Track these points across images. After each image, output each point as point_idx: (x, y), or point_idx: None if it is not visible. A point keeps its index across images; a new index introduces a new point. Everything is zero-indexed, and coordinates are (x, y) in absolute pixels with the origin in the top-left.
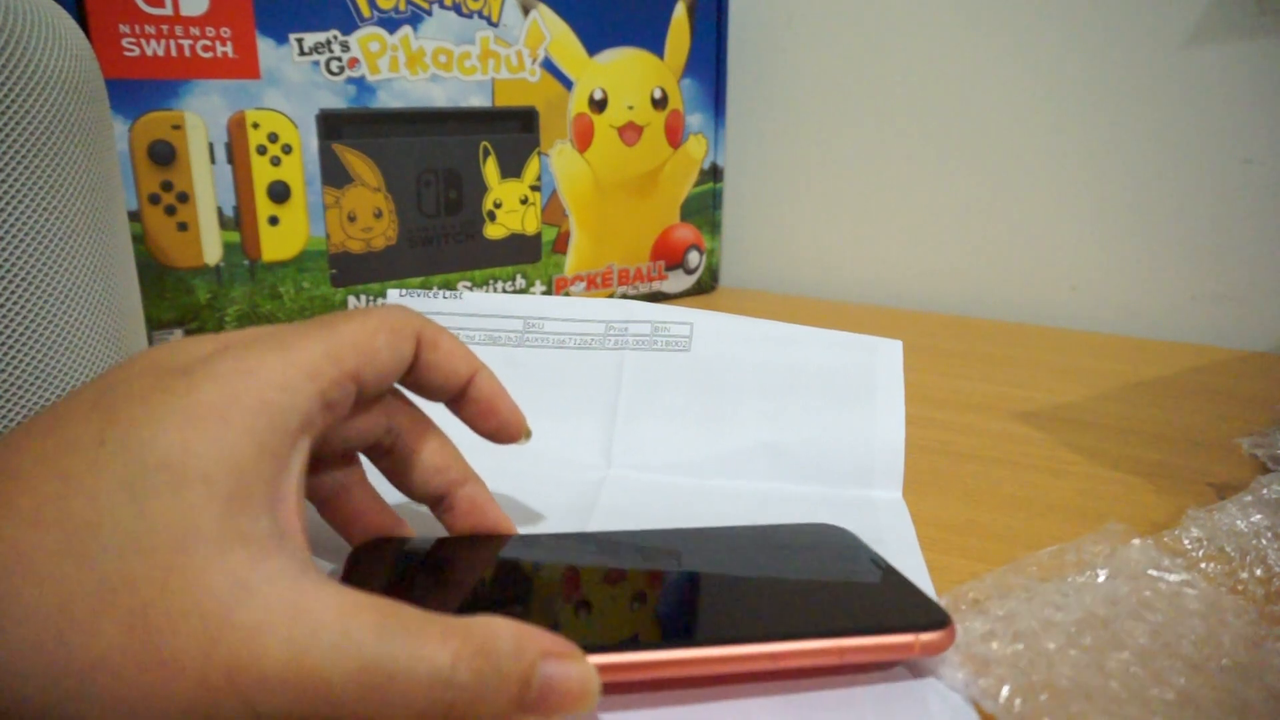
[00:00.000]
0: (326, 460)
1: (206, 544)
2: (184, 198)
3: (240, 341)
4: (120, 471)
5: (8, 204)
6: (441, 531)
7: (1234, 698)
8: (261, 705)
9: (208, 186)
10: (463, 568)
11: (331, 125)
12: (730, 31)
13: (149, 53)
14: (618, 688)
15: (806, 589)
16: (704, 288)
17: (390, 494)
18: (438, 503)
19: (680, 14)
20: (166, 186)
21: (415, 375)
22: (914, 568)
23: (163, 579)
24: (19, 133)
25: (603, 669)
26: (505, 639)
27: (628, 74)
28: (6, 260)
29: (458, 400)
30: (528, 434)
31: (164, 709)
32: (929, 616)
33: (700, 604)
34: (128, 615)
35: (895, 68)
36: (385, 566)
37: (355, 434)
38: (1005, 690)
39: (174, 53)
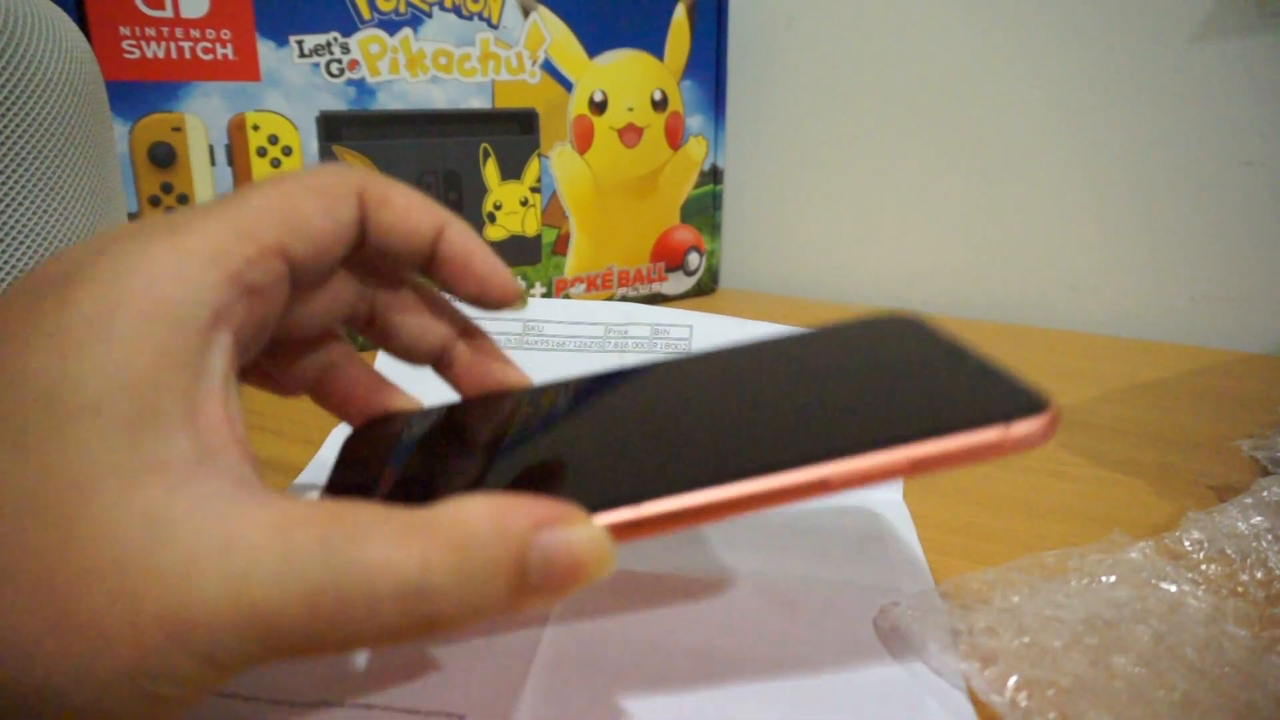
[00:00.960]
0: (302, 343)
1: (110, 482)
2: (184, 200)
3: (124, 235)
4: (0, 418)
5: (8, 205)
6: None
7: (1236, 702)
8: (213, 653)
9: (208, 188)
10: (466, 437)
11: (332, 127)
12: (730, 33)
13: (149, 55)
14: (641, 535)
15: (864, 393)
16: (704, 289)
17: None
18: (438, 362)
19: (680, 15)
20: (167, 188)
21: (370, 242)
22: (915, 568)
23: (64, 536)
24: (19, 135)
25: (618, 529)
26: (481, 521)
27: (628, 76)
28: (7, 262)
29: (430, 265)
30: (521, 296)
31: (100, 679)
32: (1021, 402)
33: (734, 433)
34: (33, 583)
35: (895, 69)
36: (380, 451)
37: (322, 309)
38: (1012, 683)
39: (174, 55)
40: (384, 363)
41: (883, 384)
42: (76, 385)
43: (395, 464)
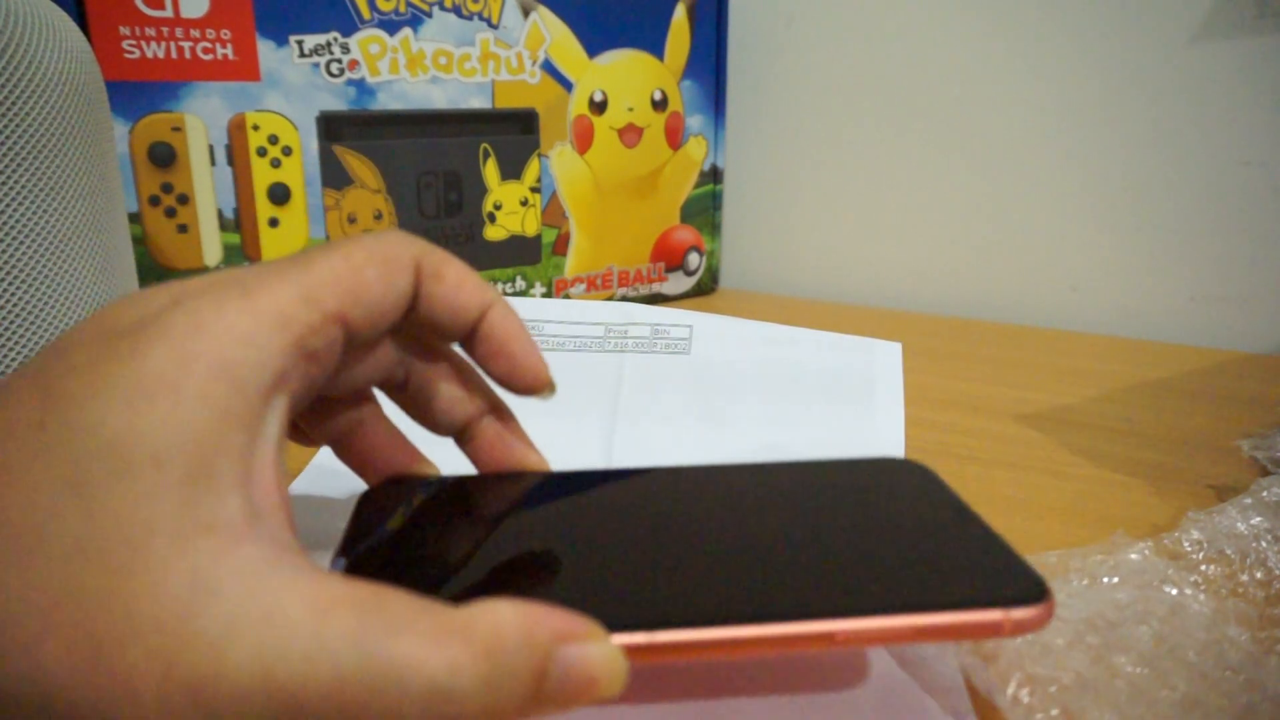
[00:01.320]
0: (335, 401)
1: (162, 539)
2: (184, 199)
3: (197, 290)
4: (62, 461)
5: (8, 205)
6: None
7: (1237, 703)
8: None
9: (208, 188)
10: (484, 515)
11: (332, 127)
12: (730, 32)
13: (149, 55)
14: (647, 666)
15: (873, 547)
16: (704, 289)
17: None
18: (461, 434)
19: (680, 15)
20: (167, 188)
21: (418, 312)
22: None
23: (112, 586)
24: (19, 134)
25: (632, 650)
26: (511, 629)
27: (628, 76)
28: (7, 261)
29: (469, 340)
30: (550, 385)
31: None
32: (1022, 586)
33: (747, 569)
34: (72, 630)
35: (895, 69)
36: (396, 514)
37: (363, 373)
38: (1014, 680)
39: (174, 55)
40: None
41: (893, 541)
42: (140, 438)
43: (411, 531)
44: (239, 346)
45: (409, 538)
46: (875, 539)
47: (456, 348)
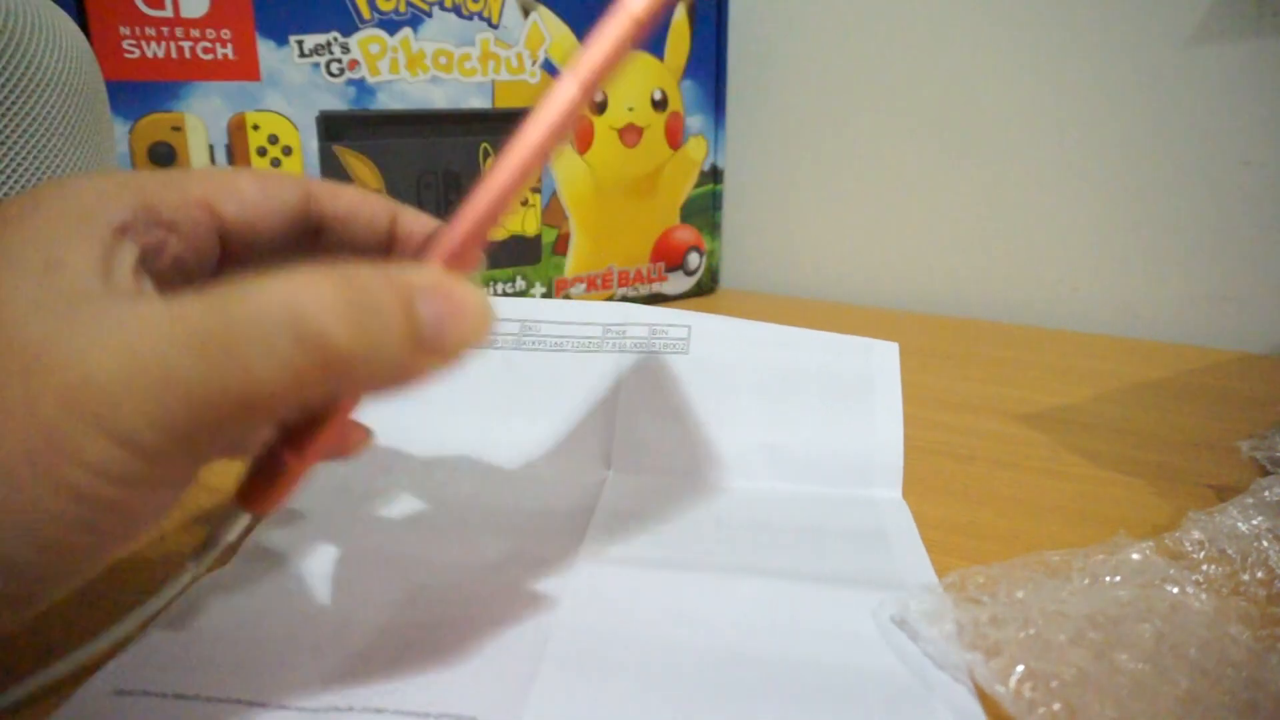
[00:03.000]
0: None
1: (18, 301)
2: None
3: (69, 177)
4: None
5: None
6: None
7: (1238, 700)
8: (115, 424)
9: None
10: None
11: (332, 127)
12: (730, 32)
13: (149, 54)
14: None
15: None
16: (704, 289)
17: None
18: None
19: (680, 15)
20: None
21: (329, 234)
22: (918, 563)
23: None
24: (19, 134)
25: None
26: (366, 271)
27: (627, 75)
28: None
29: (389, 246)
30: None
31: (10, 458)
32: None
33: None
34: None
35: (895, 68)
36: None
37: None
38: (1017, 673)
39: (174, 54)
40: None
41: None
42: (4, 249)
43: None
44: (89, 195)
45: None
46: None
47: None
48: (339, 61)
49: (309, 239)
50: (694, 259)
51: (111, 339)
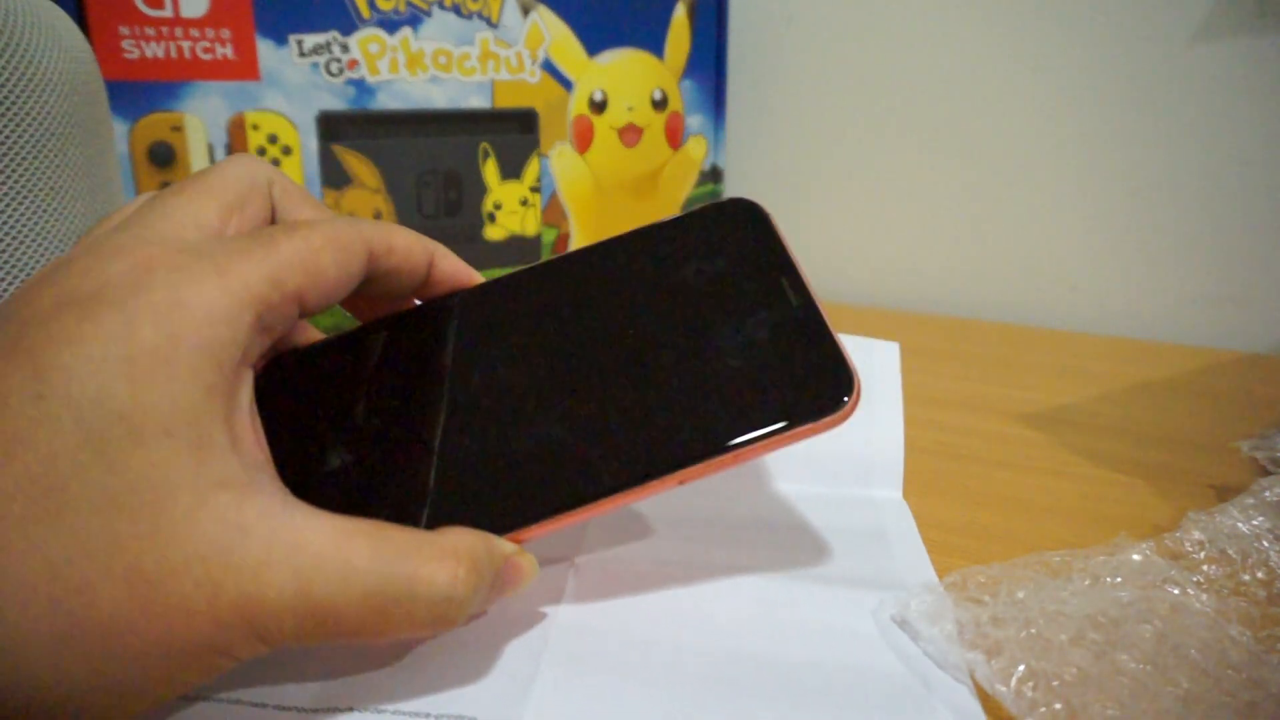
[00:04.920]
0: None
1: (185, 493)
2: None
3: (166, 262)
4: (73, 427)
5: (8, 205)
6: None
7: (1238, 700)
8: (271, 634)
9: None
10: (361, 391)
11: (331, 126)
12: (730, 32)
13: (149, 54)
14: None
15: (702, 369)
16: None
17: None
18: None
19: (680, 15)
20: (166, 188)
21: (377, 285)
22: (918, 563)
23: (149, 531)
24: (19, 134)
25: (525, 535)
26: (480, 549)
27: (627, 75)
28: (7, 261)
29: (424, 287)
30: None
31: (181, 650)
32: (832, 387)
33: (593, 437)
34: (124, 571)
35: (895, 68)
36: (293, 391)
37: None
38: (1018, 672)
39: (174, 54)
40: None
41: (720, 354)
42: (147, 411)
43: (307, 406)
44: (218, 326)
45: (313, 419)
46: (704, 356)
47: None
48: (338, 61)
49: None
50: None
51: (287, 564)
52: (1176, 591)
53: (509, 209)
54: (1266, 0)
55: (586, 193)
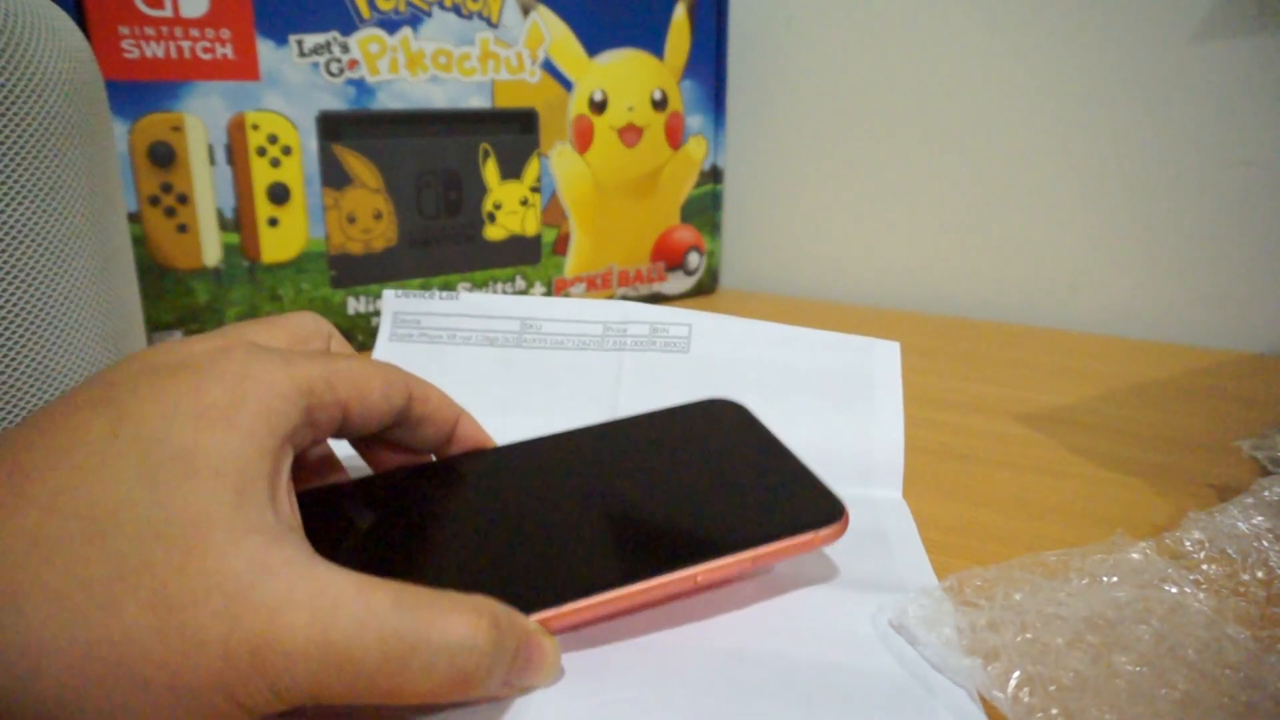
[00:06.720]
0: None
1: (221, 530)
2: (184, 199)
3: (243, 345)
4: (135, 463)
5: (8, 205)
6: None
7: (1237, 702)
8: (284, 681)
9: (207, 188)
10: (397, 515)
11: (331, 126)
12: (730, 32)
13: (149, 54)
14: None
15: (710, 496)
16: (704, 289)
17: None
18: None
19: (680, 15)
20: (166, 188)
21: (406, 429)
22: (917, 564)
23: (181, 561)
24: (19, 134)
25: (550, 620)
26: (503, 613)
27: (628, 75)
28: (6, 261)
29: (442, 446)
30: None
31: (189, 683)
32: (825, 508)
33: (616, 537)
34: (149, 595)
35: (895, 68)
36: (327, 525)
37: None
38: (1015, 678)
39: (174, 54)
40: None
41: (724, 486)
42: (204, 453)
43: (341, 540)
44: (278, 400)
45: (343, 544)
46: (710, 488)
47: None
48: (338, 61)
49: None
50: (694, 259)
51: (306, 606)
52: (1174, 591)
53: (509, 209)
54: (1266, 0)
55: (586, 193)
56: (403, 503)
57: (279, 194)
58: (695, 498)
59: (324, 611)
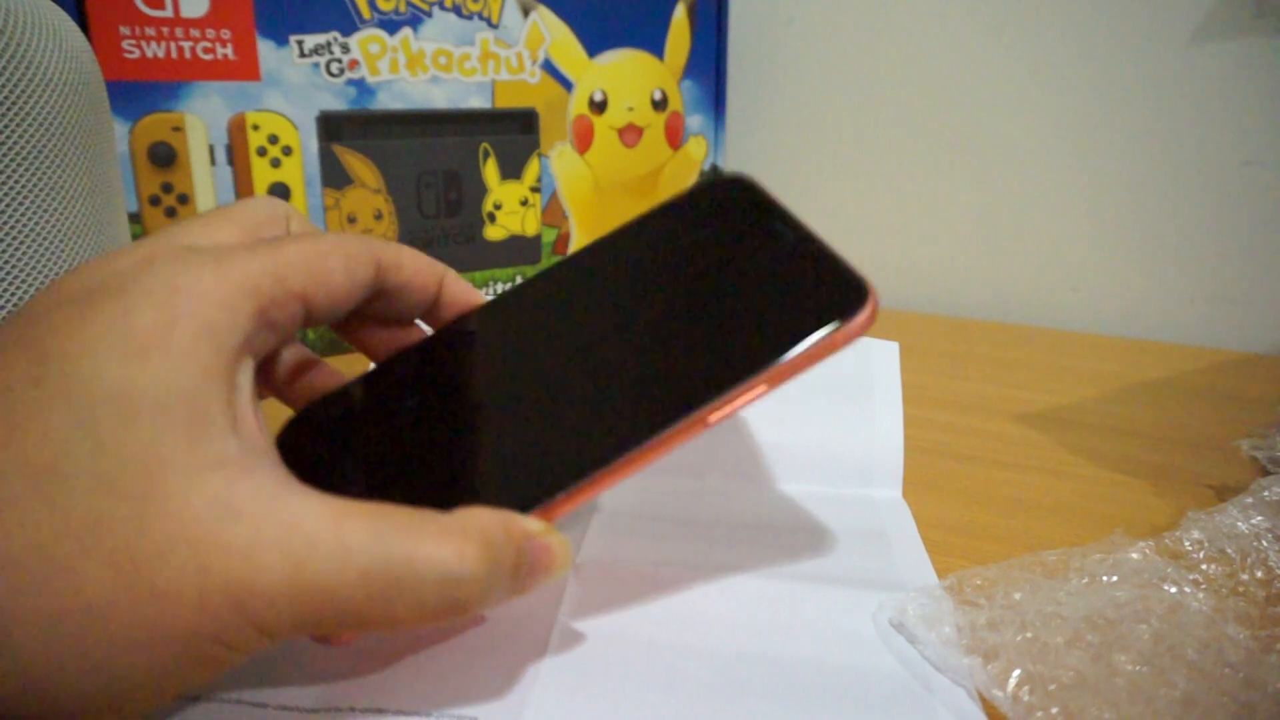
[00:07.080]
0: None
1: (176, 473)
2: (184, 199)
3: (168, 254)
4: (66, 409)
5: (8, 206)
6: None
7: (1236, 702)
8: (267, 621)
9: (208, 188)
10: (392, 421)
11: (332, 127)
12: (730, 32)
13: (149, 54)
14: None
15: (717, 309)
16: None
17: None
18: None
19: (680, 15)
20: (167, 188)
21: (385, 302)
22: (918, 563)
23: (138, 512)
24: (19, 135)
25: (555, 509)
26: (495, 527)
27: (628, 75)
28: (7, 261)
29: (433, 308)
30: None
31: (167, 637)
32: (849, 293)
33: (616, 391)
34: (110, 554)
35: (895, 68)
36: (320, 440)
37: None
38: (1015, 677)
39: (174, 54)
40: None
41: (731, 289)
42: (142, 390)
43: (345, 445)
44: (215, 310)
45: (346, 452)
46: (717, 299)
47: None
48: (339, 61)
49: (369, 298)
50: None
51: (278, 546)
52: (1174, 590)
53: (509, 209)
54: (1266, 0)
55: (586, 193)
56: (391, 400)
57: (279, 194)
58: (702, 316)
59: (297, 552)
